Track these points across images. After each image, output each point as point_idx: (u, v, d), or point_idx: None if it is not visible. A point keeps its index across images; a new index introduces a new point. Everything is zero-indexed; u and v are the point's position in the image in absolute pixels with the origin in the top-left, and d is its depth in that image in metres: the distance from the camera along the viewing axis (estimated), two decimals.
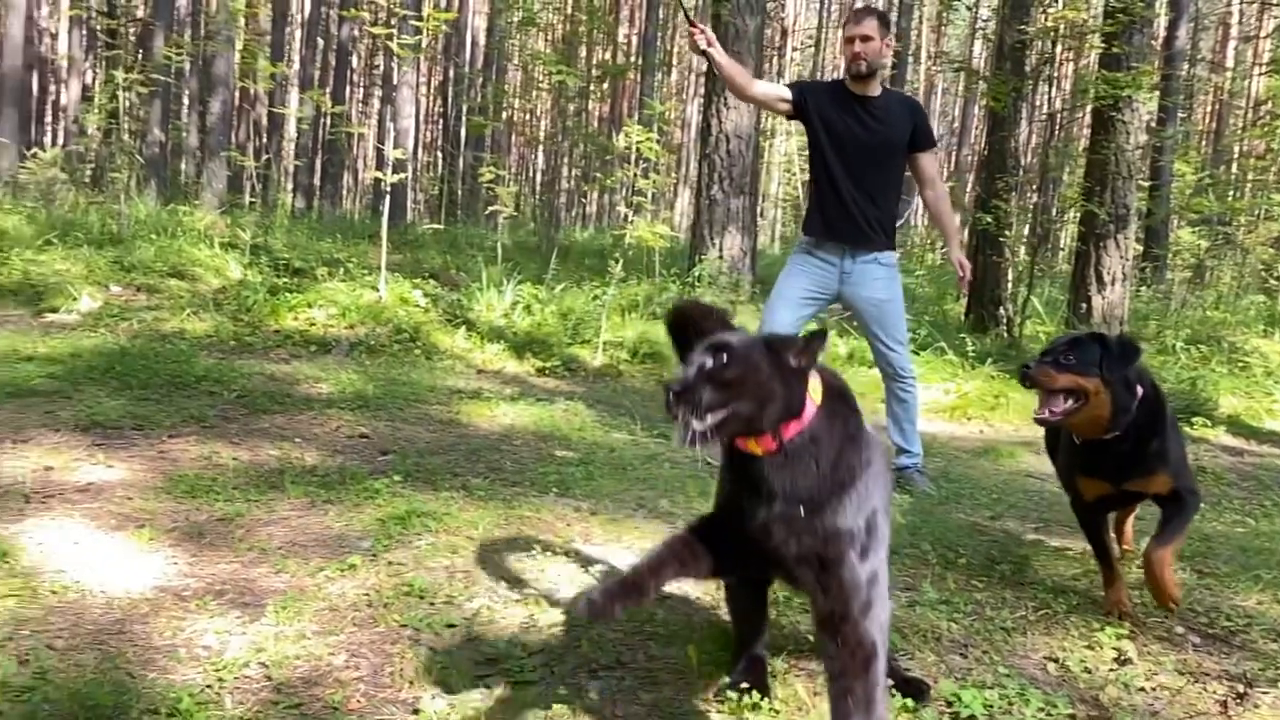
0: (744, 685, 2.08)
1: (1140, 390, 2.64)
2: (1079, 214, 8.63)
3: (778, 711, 2.08)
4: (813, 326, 4.14)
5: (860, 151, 4.10)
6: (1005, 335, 8.72)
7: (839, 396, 1.79)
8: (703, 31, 4.07)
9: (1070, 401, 2.62)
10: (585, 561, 2.90)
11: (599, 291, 7.95)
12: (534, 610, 2.52)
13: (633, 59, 21.22)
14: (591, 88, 15.25)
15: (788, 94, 4.21)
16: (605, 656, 2.30)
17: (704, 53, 4.14)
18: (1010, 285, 9.24)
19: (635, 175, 8.55)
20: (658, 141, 8.73)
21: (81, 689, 1.89)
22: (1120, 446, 2.66)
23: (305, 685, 2.07)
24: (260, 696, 2.01)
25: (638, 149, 8.57)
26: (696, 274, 8.37)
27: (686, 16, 4.48)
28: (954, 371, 7.20)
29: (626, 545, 3.08)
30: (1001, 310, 9.12)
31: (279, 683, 2.07)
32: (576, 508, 3.40)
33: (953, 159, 25.76)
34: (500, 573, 2.76)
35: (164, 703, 1.88)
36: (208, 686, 2.01)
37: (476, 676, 2.17)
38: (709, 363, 1.64)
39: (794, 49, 24.97)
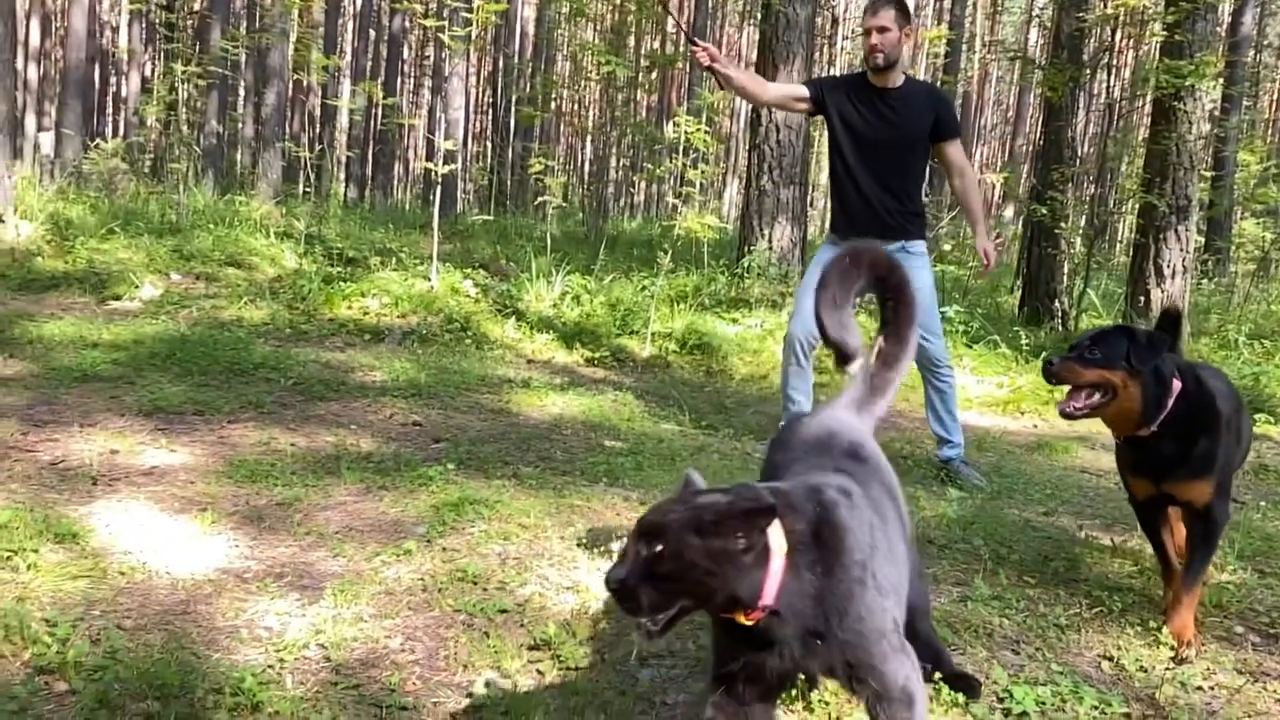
0: None
1: (1179, 385, 2.53)
2: (1138, 205, 8.43)
3: (826, 702, 2.09)
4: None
5: (878, 145, 4.09)
6: (1060, 329, 8.57)
7: (815, 527, 1.53)
8: (705, 49, 4.08)
9: (1097, 396, 2.55)
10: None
11: (647, 282, 7.96)
12: (585, 598, 2.55)
13: (681, 49, 21.15)
14: (640, 78, 15.23)
15: (805, 92, 4.24)
16: (655, 645, 2.32)
17: (709, 69, 4.16)
18: (1065, 278, 9.07)
19: (684, 165, 8.52)
20: (707, 132, 8.68)
21: (150, 668, 1.96)
22: (1159, 444, 2.56)
23: (363, 667, 2.12)
24: (320, 677, 2.06)
25: (687, 139, 8.54)
26: (745, 265, 8.34)
27: (688, 36, 4.56)
28: (1007, 365, 7.09)
29: None
30: (1056, 303, 8.95)
31: (337, 664, 2.12)
32: (626, 497, 3.43)
33: (1006, 149, 25.33)
34: (551, 560, 2.79)
35: (228, 682, 1.94)
36: (269, 667, 2.07)
37: (529, 661, 2.20)
38: (643, 552, 1.44)
39: (844, 38, 24.71)
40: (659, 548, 1.42)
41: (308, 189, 12.26)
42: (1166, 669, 2.37)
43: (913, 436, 5.07)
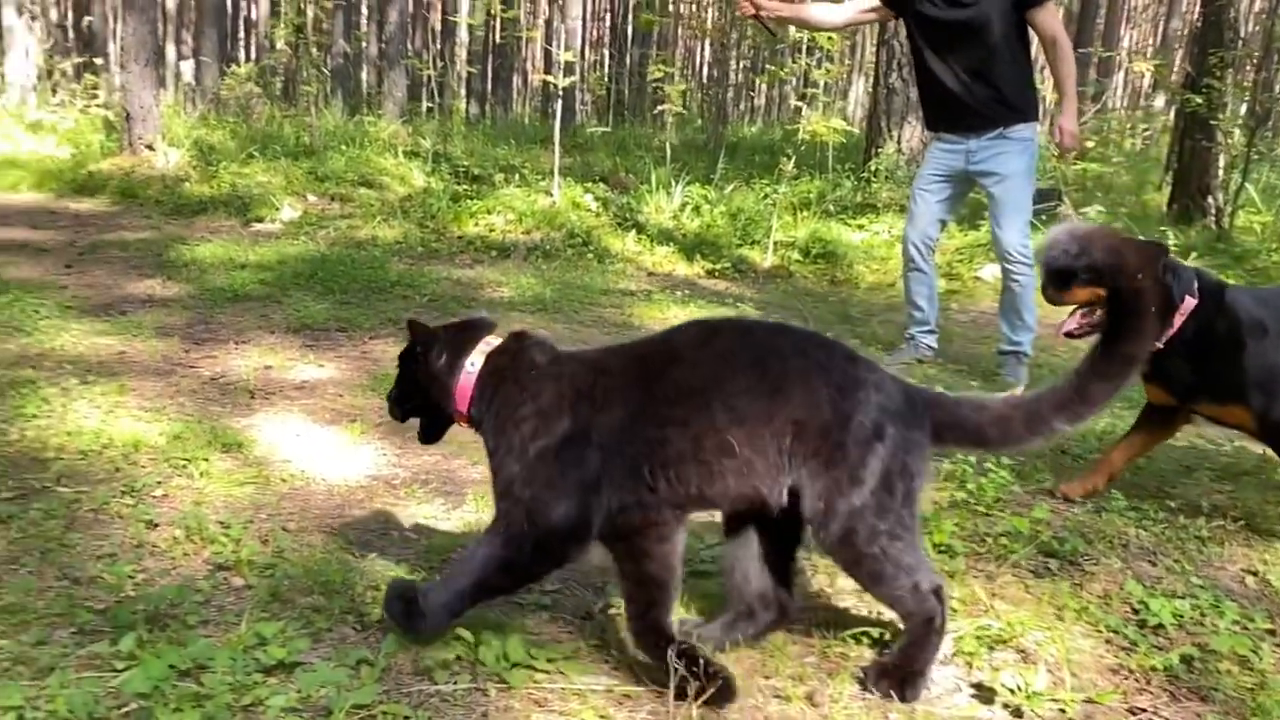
0: None
1: (1192, 302, 2.50)
2: None
3: (955, 610, 2.11)
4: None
5: (953, 31, 3.95)
6: (1214, 227, 8.03)
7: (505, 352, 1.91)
8: (750, 1, 4.09)
9: (1097, 313, 2.52)
10: None
11: (769, 190, 7.84)
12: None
13: None
14: None
15: (872, 1, 4.18)
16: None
17: (755, 19, 4.17)
18: (1221, 172, 8.45)
19: (808, 66, 8.27)
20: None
21: (314, 566, 2.13)
22: (1171, 361, 2.53)
23: None
24: None
25: (811, 38, 8.26)
26: (873, 168, 8.10)
27: None
28: None
29: None
30: (1210, 200, 8.37)
31: None
32: None
33: (1159, 32, 23.45)
34: None
35: (384, 581, 2.09)
36: (419, 566, 2.22)
37: None
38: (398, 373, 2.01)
39: None
40: (400, 370, 1.99)
41: (431, 106, 12.46)
42: None
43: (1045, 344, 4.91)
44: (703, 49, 27.93)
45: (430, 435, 2.06)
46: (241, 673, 1.65)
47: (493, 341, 1.92)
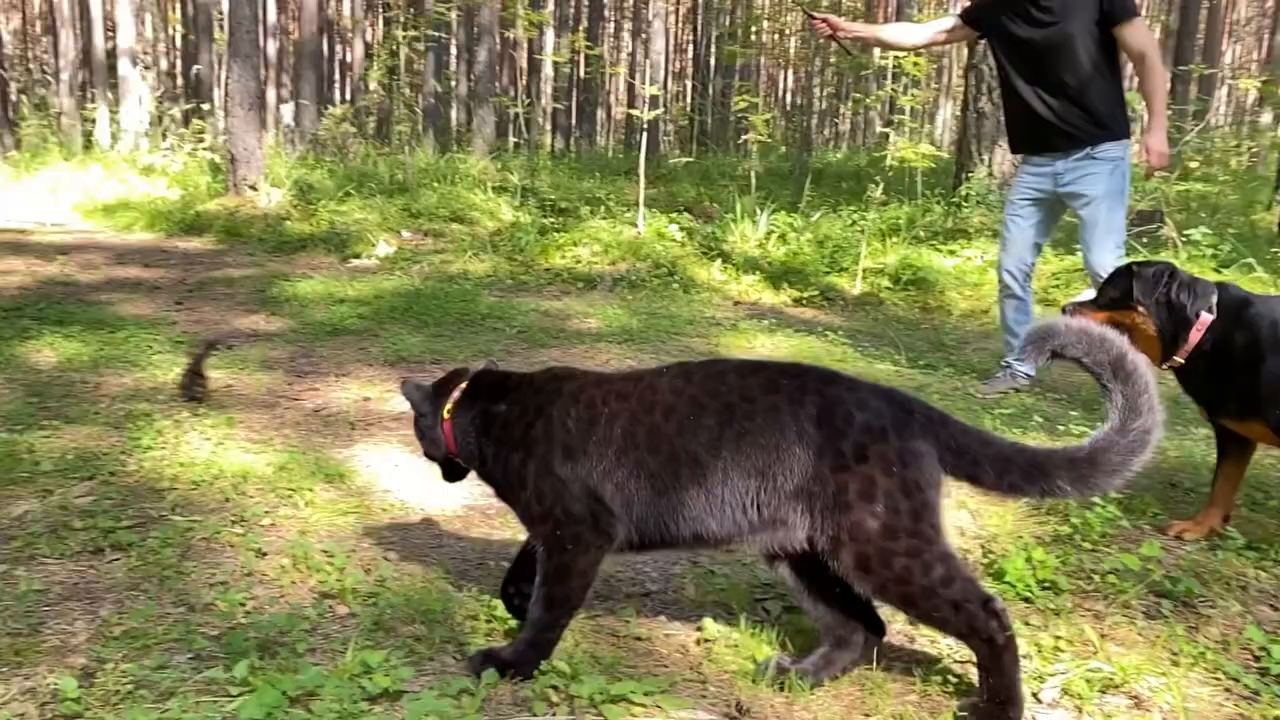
0: None
1: (1208, 318, 2.54)
2: None
3: (1062, 651, 2.04)
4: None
5: (1036, 49, 3.87)
6: None
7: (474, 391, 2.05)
8: (823, 20, 4.16)
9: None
10: None
11: (856, 216, 7.77)
12: None
13: None
14: (845, 9, 14.67)
15: (953, 21, 4.23)
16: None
17: (831, 39, 4.25)
18: None
19: (894, 92, 8.20)
20: (918, 55, 8.28)
21: (414, 595, 2.18)
22: (1195, 377, 2.60)
23: (598, 600, 2.26)
24: None
25: (897, 64, 8.20)
26: (963, 193, 7.96)
27: (805, 10, 4.48)
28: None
29: None
30: None
31: None
32: None
33: (1264, 47, 22.60)
34: None
35: (482, 610, 2.12)
36: None
37: (754, 600, 2.27)
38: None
39: None
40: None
41: (518, 142, 12.74)
42: None
43: None
44: (786, 76, 27.96)
45: (449, 476, 2.20)
46: (349, 700, 1.69)
47: (461, 389, 2.06)
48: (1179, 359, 2.59)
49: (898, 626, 2.10)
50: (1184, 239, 6.43)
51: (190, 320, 5.12)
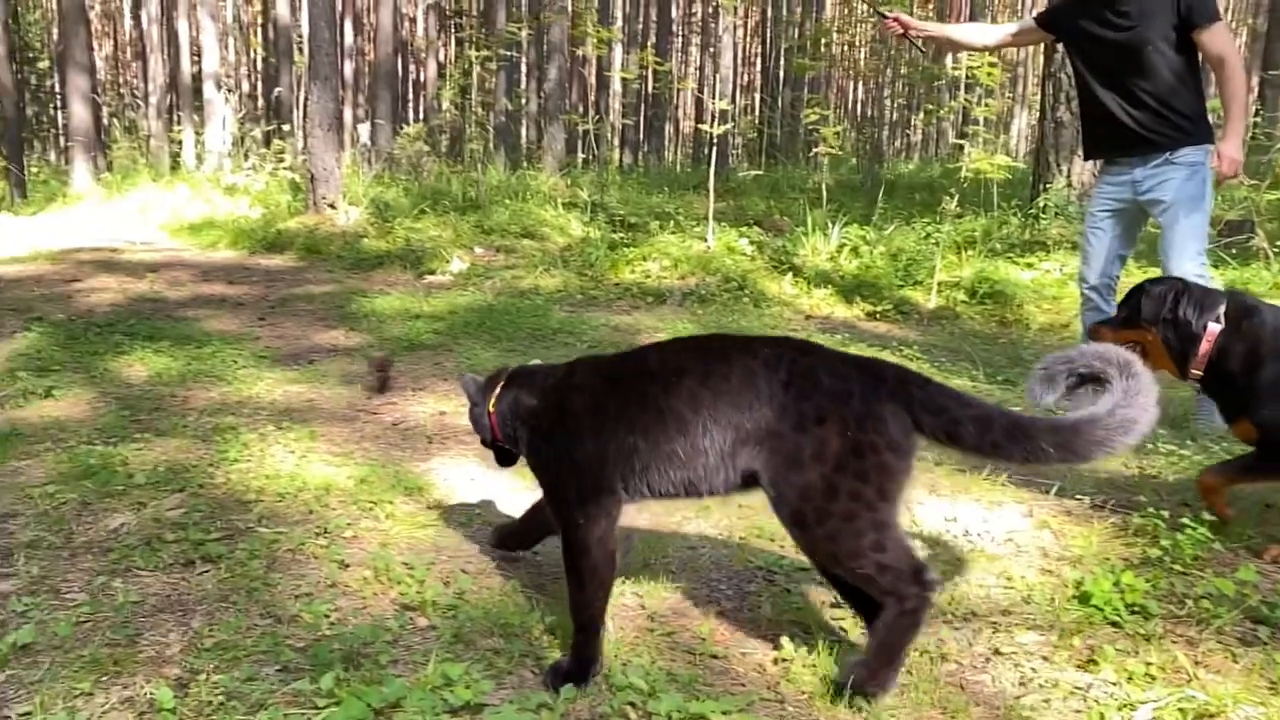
0: None
1: (1215, 329, 2.62)
2: None
3: (1154, 678, 1.97)
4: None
5: (1110, 53, 3.79)
6: None
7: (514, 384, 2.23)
8: (894, 19, 4.17)
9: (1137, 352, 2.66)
10: (933, 514, 2.88)
11: (930, 228, 7.67)
12: None
13: None
14: (917, 10, 14.51)
15: (1030, 23, 4.20)
16: (960, 608, 2.29)
17: (904, 38, 4.24)
18: None
19: (969, 102, 8.07)
20: (992, 64, 8.15)
21: (493, 609, 2.20)
22: (1210, 388, 2.69)
23: (675, 616, 2.26)
24: (637, 624, 2.22)
25: (970, 74, 8.07)
26: (1041, 204, 7.80)
27: (877, 11, 4.48)
28: None
29: (975, 498, 3.01)
30: None
31: (652, 612, 2.27)
32: (920, 457, 3.36)
33: None
34: None
35: (559, 624, 2.14)
36: None
37: (831, 619, 2.25)
38: None
39: None
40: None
41: (587, 158, 12.85)
42: None
43: None
44: (856, 87, 27.73)
45: (500, 461, 2.40)
46: (431, 713, 1.71)
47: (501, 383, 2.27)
48: (1196, 371, 2.66)
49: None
50: (1276, 249, 6.20)
51: (273, 335, 5.27)
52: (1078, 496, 2.99)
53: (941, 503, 2.97)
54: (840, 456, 1.79)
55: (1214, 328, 2.62)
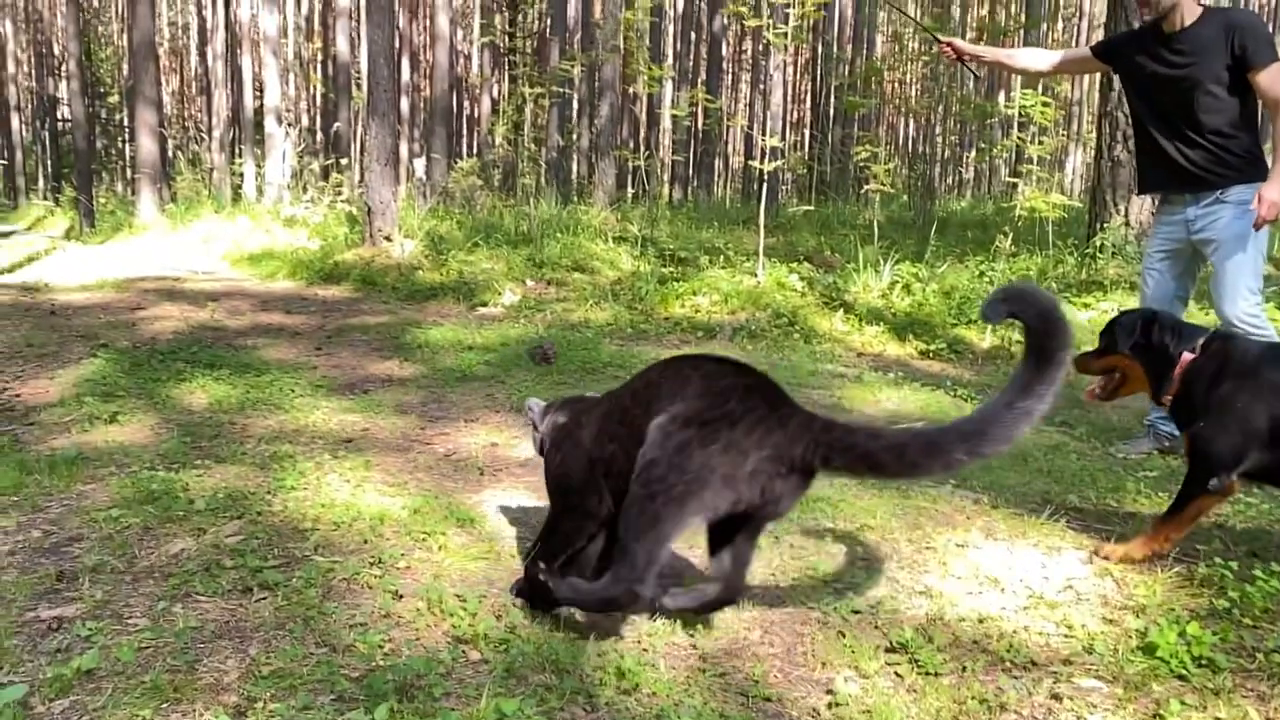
0: None
1: (1186, 356, 2.81)
2: None
3: None
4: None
5: (1164, 91, 3.77)
6: None
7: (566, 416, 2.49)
8: (948, 44, 4.26)
9: (1116, 377, 3.04)
10: (990, 558, 2.82)
11: (984, 267, 7.59)
12: (940, 604, 2.51)
13: (1015, 10, 19.82)
14: (969, 37, 14.46)
15: (1086, 52, 4.20)
16: (1019, 656, 2.24)
17: (959, 61, 4.32)
18: None
19: (1022, 140, 8.01)
20: (1046, 103, 8.08)
21: (544, 644, 2.20)
22: (1177, 412, 2.85)
23: (726, 657, 2.24)
24: (688, 664, 2.20)
25: (1024, 113, 8.02)
26: (1098, 244, 7.68)
27: (933, 36, 4.63)
28: None
29: (1033, 542, 2.95)
30: None
31: (704, 652, 2.26)
32: (976, 500, 3.31)
33: None
34: (901, 563, 2.77)
35: (610, 662, 2.13)
36: (644, 650, 2.25)
37: (886, 664, 2.21)
38: None
39: None
40: None
41: (637, 192, 12.95)
42: None
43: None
44: (907, 124, 27.66)
45: None
46: None
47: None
48: (1169, 396, 2.86)
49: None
50: None
51: (329, 365, 5.36)
52: None
53: (999, 547, 2.92)
54: (647, 481, 2.06)
55: (1187, 356, 2.82)
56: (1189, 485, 2.74)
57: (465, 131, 32.96)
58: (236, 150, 21.26)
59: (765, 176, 8.36)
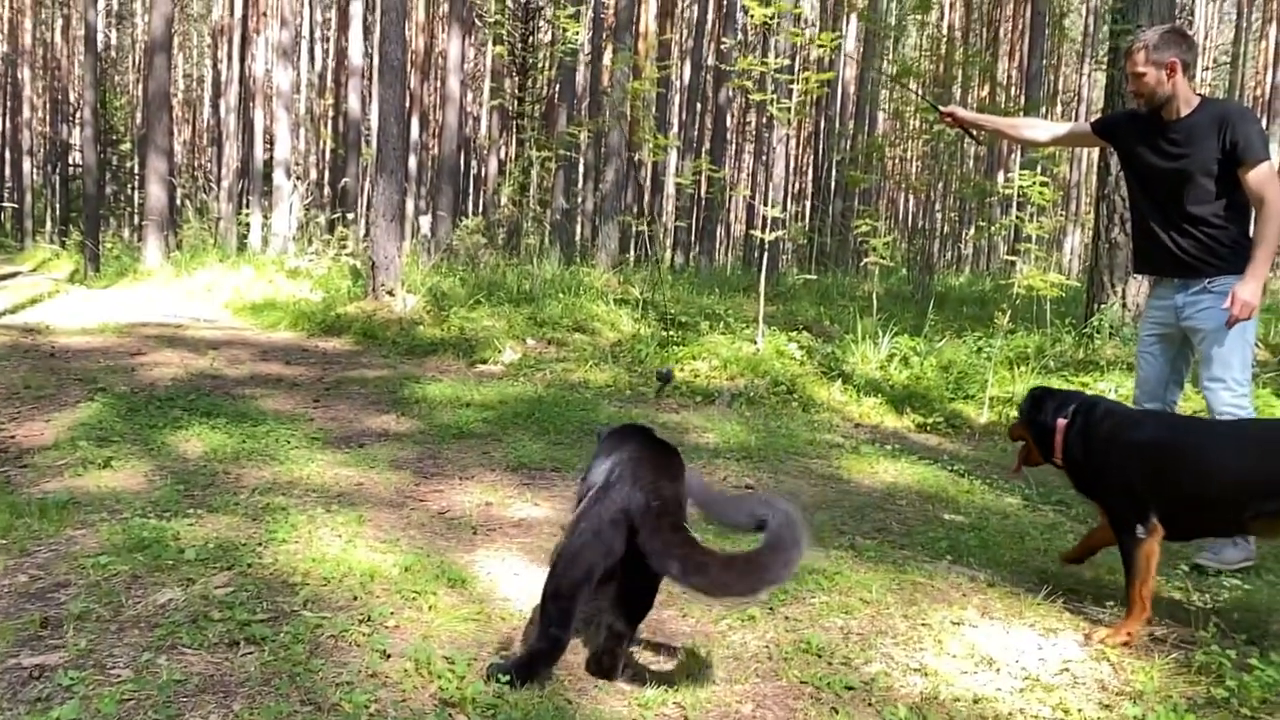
0: None
1: (1060, 423, 3.12)
2: None
3: None
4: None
5: (1160, 181, 3.82)
6: None
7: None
8: (948, 113, 4.34)
9: (1022, 449, 3.36)
10: (986, 637, 2.79)
11: (982, 342, 7.64)
12: (935, 682, 2.48)
13: (1015, 94, 20.25)
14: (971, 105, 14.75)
15: (1087, 128, 4.23)
16: None
17: (960, 129, 4.40)
18: None
19: (1020, 220, 8.11)
20: (1044, 184, 8.21)
21: (532, 710, 2.17)
22: (1068, 470, 3.16)
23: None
24: None
25: (1023, 193, 8.14)
26: (1095, 324, 7.74)
27: (932, 105, 4.74)
28: None
29: (1029, 623, 2.92)
30: None
31: None
32: (972, 577, 3.29)
33: None
34: (896, 639, 2.74)
35: None
36: (633, 719, 2.21)
37: None
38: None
39: (1205, 68, 22.39)
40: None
41: (639, 256, 13.08)
42: None
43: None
44: (907, 199, 28.04)
45: None
46: None
47: None
48: (1057, 460, 3.14)
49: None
50: None
51: (326, 417, 5.35)
52: None
53: (995, 626, 2.89)
54: (568, 559, 2.34)
55: (1061, 421, 3.12)
56: (1122, 542, 2.94)
57: (472, 191, 33.33)
58: (244, 201, 21.48)
59: (766, 245, 8.44)
